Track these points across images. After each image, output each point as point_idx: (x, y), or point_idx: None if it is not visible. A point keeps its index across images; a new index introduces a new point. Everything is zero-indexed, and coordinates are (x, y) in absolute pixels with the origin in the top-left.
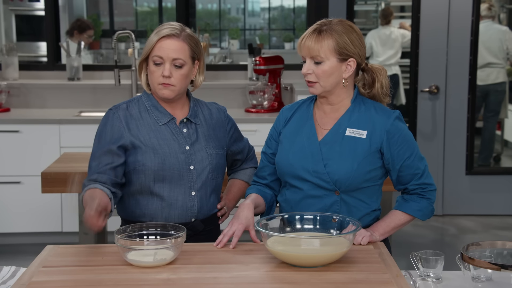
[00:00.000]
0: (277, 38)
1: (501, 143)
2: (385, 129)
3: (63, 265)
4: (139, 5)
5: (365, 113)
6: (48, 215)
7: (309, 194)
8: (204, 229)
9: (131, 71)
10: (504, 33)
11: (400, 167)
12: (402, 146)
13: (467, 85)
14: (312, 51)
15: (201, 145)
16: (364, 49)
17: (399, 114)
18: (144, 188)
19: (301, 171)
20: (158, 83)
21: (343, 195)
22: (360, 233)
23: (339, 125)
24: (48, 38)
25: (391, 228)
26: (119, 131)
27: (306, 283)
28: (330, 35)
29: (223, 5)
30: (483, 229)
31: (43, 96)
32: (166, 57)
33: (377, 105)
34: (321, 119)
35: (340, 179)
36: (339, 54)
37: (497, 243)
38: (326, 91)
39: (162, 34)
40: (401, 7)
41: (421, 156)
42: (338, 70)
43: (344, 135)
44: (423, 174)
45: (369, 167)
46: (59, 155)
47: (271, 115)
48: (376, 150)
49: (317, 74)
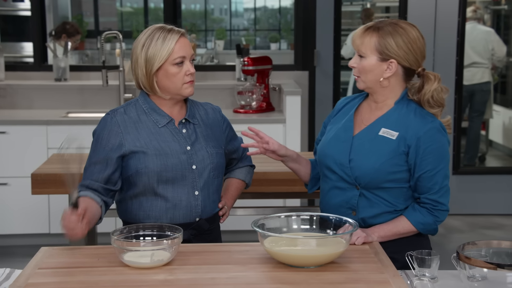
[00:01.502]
0: (262, 38)
1: (486, 143)
2: (417, 135)
3: (59, 266)
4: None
5: (404, 115)
6: (35, 217)
7: (335, 185)
8: (208, 228)
9: (119, 71)
10: (489, 34)
11: (419, 176)
12: (428, 157)
13: (454, 86)
14: (357, 45)
15: (201, 144)
16: (415, 54)
17: (440, 125)
18: (148, 189)
19: (331, 162)
20: (184, 82)
21: (363, 191)
22: (356, 233)
23: (376, 123)
24: (35, 38)
25: (392, 234)
26: (118, 138)
27: (303, 283)
28: (375, 34)
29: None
30: (470, 228)
31: (30, 97)
32: (187, 54)
33: (420, 110)
34: (366, 114)
35: (361, 175)
36: (379, 53)
37: (493, 242)
38: (368, 87)
39: (176, 36)
40: (386, 8)
41: (445, 174)
42: (378, 69)
43: (377, 134)
44: (439, 191)
45: (392, 169)
46: (47, 156)
47: (260, 115)
48: (403, 153)
49: (359, 68)
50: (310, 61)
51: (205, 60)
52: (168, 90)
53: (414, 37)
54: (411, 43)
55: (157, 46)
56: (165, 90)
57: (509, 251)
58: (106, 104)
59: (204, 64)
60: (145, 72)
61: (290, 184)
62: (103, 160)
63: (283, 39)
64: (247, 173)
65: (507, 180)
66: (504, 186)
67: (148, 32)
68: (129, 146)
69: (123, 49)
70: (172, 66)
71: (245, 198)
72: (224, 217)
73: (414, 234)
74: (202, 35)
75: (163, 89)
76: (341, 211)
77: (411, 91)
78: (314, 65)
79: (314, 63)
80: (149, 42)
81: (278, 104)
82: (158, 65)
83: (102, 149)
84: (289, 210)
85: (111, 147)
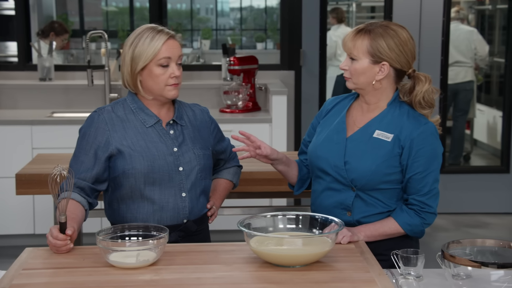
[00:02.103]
0: (248, 38)
1: (470, 143)
2: (410, 137)
3: (43, 267)
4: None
5: (397, 117)
6: (20, 217)
7: (329, 186)
8: (196, 229)
9: (104, 71)
10: (472, 34)
11: (409, 178)
12: (419, 160)
13: (439, 85)
14: (348, 48)
15: (188, 146)
16: (406, 56)
17: (433, 128)
18: (135, 191)
19: (324, 164)
20: (167, 84)
21: (359, 192)
22: (341, 233)
23: (370, 125)
24: (19, 38)
25: (379, 234)
26: (105, 135)
27: (289, 282)
28: (366, 36)
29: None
30: (455, 227)
31: (14, 97)
32: (173, 56)
33: (413, 112)
34: (358, 116)
35: (357, 178)
36: (371, 56)
37: (477, 241)
38: (359, 88)
39: (164, 36)
40: (371, 8)
41: (436, 178)
42: (370, 71)
43: (372, 136)
44: (427, 194)
45: (388, 170)
46: (32, 157)
47: (246, 115)
48: (398, 154)
49: (351, 70)
50: (296, 60)
51: (191, 60)
52: (151, 91)
53: (405, 39)
54: (402, 45)
55: (144, 45)
56: (148, 91)
57: (493, 249)
58: (91, 104)
59: (190, 64)
60: (130, 70)
61: (276, 183)
62: (91, 157)
63: (269, 39)
64: (235, 174)
65: (492, 179)
66: (488, 184)
67: (138, 31)
68: (116, 144)
69: (108, 48)
70: (157, 66)
71: (232, 198)
72: (213, 218)
73: (401, 235)
74: (188, 35)
75: (146, 89)
76: (335, 212)
77: (402, 92)
78: (300, 64)
79: (300, 62)
80: (137, 41)
81: (264, 104)
82: (143, 65)
83: (89, 147)
84: (275, 210)
85: (98, 145)
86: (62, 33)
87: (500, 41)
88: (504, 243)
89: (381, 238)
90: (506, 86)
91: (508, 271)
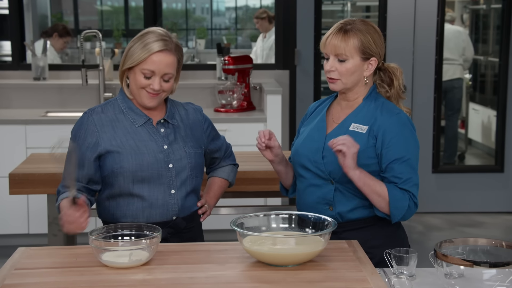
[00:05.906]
0: (243, 38)
1: (465, 142)
2: (383, 127)
3: (36, 267)
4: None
5: (372, 110)
6: (14, 217)
7: (311, 183)
8: (186, 226)
9: (99, 70)
10: (460, 33)
11: (385, 167)
12: (393, 148)
13: (433, 84)
14: (337, 49)
15: (179, 144)
16: (383, 49)
17: (406, 118)
18: (124, 190)
19: (305, 160)
20: (146, 92)
21: (337, 185)
22: (343, 139)
23: (347, 120)
24: (13, 37)
25: (367, 184)
26: (94, 137)
27: (282, 282)
28: (356, 35)
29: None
30: (449, 226)
31: (8, 97)
32: (158, 71)
33: (387, 103)
34: (337, 113)
35: (334, 170)
36: (362, 53)
37: (469, 240)
38: (346, 88)
39: (156, 48)
40: (366, 7)
41: (413, 167)
42: (360, 69)
43: (348, 130)
44: (407, 182)
45: (365, 161)
46: (25, 156)
47: (240, 114)
48: (372, 145)
49: (340, 71)
50: (290, 60)
51: (186, 59)
52: (132, 91)
53: (380, 33)
54: (381, 39)
55: (137, 48)
56: (131, 90)
57: (485, 248)
58: (85, 103)
59: (185, 63)
60: (121, 65)
61: (270, 183)
62: (82, 158)
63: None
64: (230, 172)
65: (486, 178)
66: (483, 184)
67: (144, 32)
68: (105, 145)
69: (103, 48)
70: (140, 73)
71: (226, 197)
72: (205, 216)
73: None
74: (183, 34)
75: (130, 88)
76: (318, 207)
77: (381, 87)
78: (294, 64)
79: (294, 62)
80: (137, 40)
81: (259, 103)
82: (129, 65)
83: (79, 148)
84: (270, 209)
85: (87, 146)
86: (65, 35)
87: (494, 40)
88: (496, 242)
89: (366, 191)
90: (500, 85)
91: (500, 270)
